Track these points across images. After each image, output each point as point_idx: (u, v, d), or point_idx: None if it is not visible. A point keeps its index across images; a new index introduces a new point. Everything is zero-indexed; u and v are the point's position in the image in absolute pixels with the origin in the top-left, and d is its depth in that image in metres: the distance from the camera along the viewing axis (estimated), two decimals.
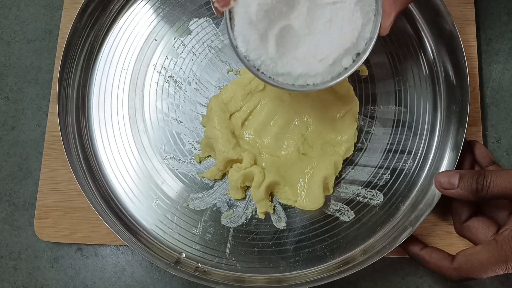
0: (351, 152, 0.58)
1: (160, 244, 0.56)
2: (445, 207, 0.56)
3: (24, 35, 0.67)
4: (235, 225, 0.57)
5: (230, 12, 0.45)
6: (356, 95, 0.60)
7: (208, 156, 0.59)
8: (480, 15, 0.65)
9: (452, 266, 0.50)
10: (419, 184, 0.57)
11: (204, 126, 0.60)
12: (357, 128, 0.59)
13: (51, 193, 0.59)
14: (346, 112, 0.58)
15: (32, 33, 0.67)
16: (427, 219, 0.53)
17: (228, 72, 0.62)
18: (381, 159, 0.59)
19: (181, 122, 0.61)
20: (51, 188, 0.59)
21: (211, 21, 0.63)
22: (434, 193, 0.54)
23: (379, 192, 0.57)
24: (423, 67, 0.61)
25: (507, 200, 0.53)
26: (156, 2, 0.64)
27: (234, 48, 0.46)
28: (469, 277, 0.49)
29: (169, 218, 0.57)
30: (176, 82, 0.62)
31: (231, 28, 0.46)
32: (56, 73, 0.60)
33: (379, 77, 0.61)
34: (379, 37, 0.46)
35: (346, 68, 0.47)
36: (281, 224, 0.57)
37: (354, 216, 0.57)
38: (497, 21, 0.65)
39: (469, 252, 0.49)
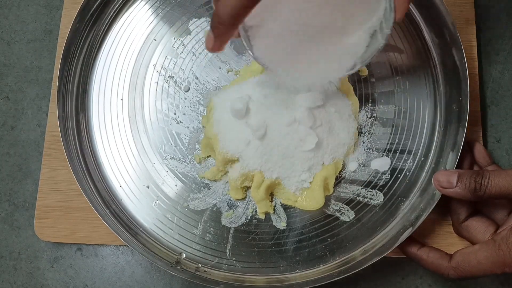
0: (351, 152, 0.58)
1: (160, 244, 0.56)
2: (445, 207, 0.56)
3: (24, 35, 0.67)
4: (235, 225, 0.57)
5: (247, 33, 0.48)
6: (356, 95, 0.60)
7: (208, 156, 0.59)
8: (480, 15, 0.65)
9: (450, 265, 0.50)
10: (419, 184, 0.57)
11: (204, 126, 0.60)
12: (357, 128, 0.59)
13: (51, 193, 0.59)
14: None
15: (32, 33, 0.67)
16: (427, 219, 0.53)
17: (228, 72, 0.62)
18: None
19: (181, 122, 0.61)
20: (51, 188, 0.59)
21: None
22: (434, 193, 0.54)
23: (379, 192, 0.57)
24: (423, 67, 0.61)
25: (506, 200, 0.53)
26: (156, 2, 0.64)
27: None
28: (467, 276, 0.49)
29: (169, 218, 0.57)
30: (176, 82, 0.62)
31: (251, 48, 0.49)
32: (56, 73, 0.60)
33: (379, 77, 0.61)
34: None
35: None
36: (281, 224, 0.57)
37: (354, 216, 0.57)
38: (497, 21, 0.65)
39: (467, 251, 0.49)
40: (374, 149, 0.59)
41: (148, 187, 0.58)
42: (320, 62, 0.50)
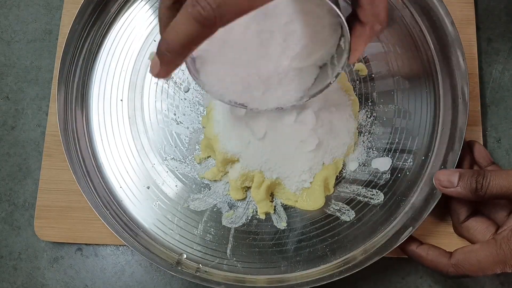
0: (352, 152, 0.58)
1: (160, 245, 0.56)
2: (445, 207, 0.56)
3: (24, 35, 0.67)
4: (236, 226, 0.57)
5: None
6: (356, 95, 0.60)
7: (208, 157, 0.59)
8: (480, 15, 0.65)
9: (449, 263, 0.50)
10: (419, 184, 0.57)
11: (204, 127, 0.60)
12: (357, 128, 0.59)
13: (51, 193, 0.59)
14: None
15: (32, 33, 0.67)
16: (427, 219, 0.53)
17: None
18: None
19: (181, 122, 0.61)
20: (51, 188, 0.59)
21: None
22: (434, 193, 0.54)
23: (379, 191, 0.57)
24: (422, 66, 0.61)
25: (506, 200, 0.53)
26: (156, 2, 0.64)
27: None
28: (466, 274, 0.49)
29: (170, 219, 0.57)
30: (175, 82, 0.62)
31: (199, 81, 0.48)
32: (56, 73, 0.60)
33: (379, 77, 0.61)
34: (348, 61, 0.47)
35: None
36: (281, 224, 0.57)
37: (354, 215, 0.57)
38: (497, 21, 0.65)
39: (468, 250, 0.49)
40: (374, 149, 0.59)
41: (148, 187, 0.58)
42: (267, 90, 0.50)
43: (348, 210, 0.57)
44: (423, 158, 0.58)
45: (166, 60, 0.38)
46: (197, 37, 0.36)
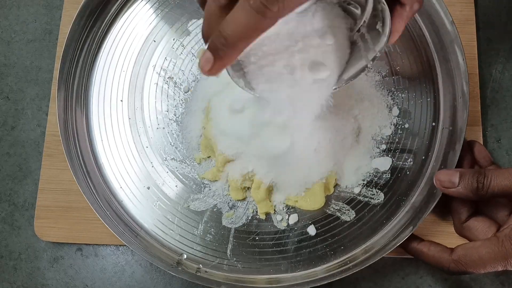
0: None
1: (161, 245, 0.56)
2: (445, 207, 0.56)
3: (24, 35, 0.67)
4: (236, 226, 0.57)
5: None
6: None
7: (208, 157, 0.59)
8: (480, 15, 0.65)
9: (451, 258, 0.50)
10: (419, 183, 0.57)
11: (204, 127, 0.60)
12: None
13: (51, 193, 0.59)
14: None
15: (32, 33, 0.67)
16: (427, 219, 0.53)
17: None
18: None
19: (181, 123, 0.61)
20: (51, 188, 0.59)
21: None
22: (435, 192, 0.54)
23: (379, 191, 0.57)
24: (423, 66, 0.61)
25: (507, 199, 0.53)
26: (155, 3, 0.64)
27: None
28: (467, 270, 0.49)
29: (170, 219, 0.57)
30: (175, 83, 0.62)
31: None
32: (56, 73, 0.60)
33: (379, 77, 0.61)
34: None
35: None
36: (282, 224, 0.57)
37: (355, 215, 0.57)
38: (497, 21, 0.65)
39: (469, 246, 0.49)
40: (374, 149, 0.59)
41: (148, 188, 0.58)
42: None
43: (348, 210, 0.57)
44: (423, 158, 0.58)
45: (222, 55, 0.37)
46: (257, 29, 0.35)
